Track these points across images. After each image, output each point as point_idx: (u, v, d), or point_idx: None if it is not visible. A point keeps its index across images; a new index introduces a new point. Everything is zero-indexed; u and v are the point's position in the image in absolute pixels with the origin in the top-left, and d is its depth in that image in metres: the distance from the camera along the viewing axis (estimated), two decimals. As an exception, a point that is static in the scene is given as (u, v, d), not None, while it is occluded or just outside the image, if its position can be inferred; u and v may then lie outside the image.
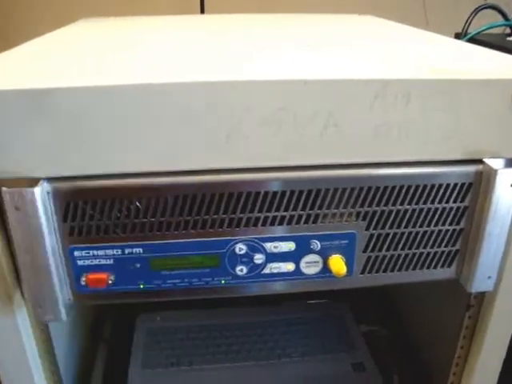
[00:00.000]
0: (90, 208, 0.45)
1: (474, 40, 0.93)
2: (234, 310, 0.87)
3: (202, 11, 1.48)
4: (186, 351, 0.78)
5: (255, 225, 0.47)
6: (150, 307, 0.87)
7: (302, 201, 0.47)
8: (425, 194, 0.48)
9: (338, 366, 0.76)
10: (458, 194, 0.49)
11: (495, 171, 0.46)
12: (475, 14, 0.97)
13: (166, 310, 0.87)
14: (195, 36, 0.71)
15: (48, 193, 0.44)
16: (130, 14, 1.04)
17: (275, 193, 0.46)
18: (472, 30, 0.97)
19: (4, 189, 0.42)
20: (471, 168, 0.48)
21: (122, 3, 1.59)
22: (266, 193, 0.46)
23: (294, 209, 0.47)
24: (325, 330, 0.83)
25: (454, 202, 0.49)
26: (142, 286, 0.48)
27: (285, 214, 0.47)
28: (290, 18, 0.95)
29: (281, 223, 0.47)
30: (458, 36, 0.98)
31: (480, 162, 0.48)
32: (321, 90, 0.43)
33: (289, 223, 0.47)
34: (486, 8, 0.99)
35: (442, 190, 0.48)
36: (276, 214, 0.47)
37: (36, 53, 0.57)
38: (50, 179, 0.44)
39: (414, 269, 0.52)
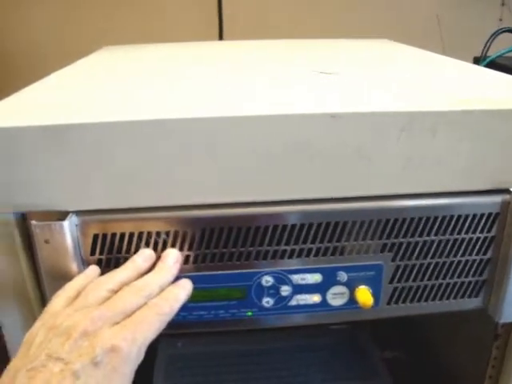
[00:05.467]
0: (118, 241, 0.45)
1: (493, 64, 0.93)
2: (255, 334, 0.86)
3: (221, 37, 1.49)
4: (207, 379, 0.78)
5: (282, 257, 0.47)
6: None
7: (329, 233, 0.47)
8: (451, 225, 0.48)
9: (360, 393, 0.75)
10: (485, 224, 0.48)
11: (522, 201, 0.46)
12: (494, 38, 0.97)
13: (188, 333, 0.86)
14: (216, 66, 0.71)
15: (76, 225, 0.44)
16: (150, 39, 1.05)
17: (302, 225, 0.46)
18: (490, 54, 0.97)
19: (34, 222, 0.43)
20: (498, 198, 0.48)
21: (141, 29, 1.61)
22: (293, 225, 0.46)
23: (321, 241, 0.47)
24: (346, 356, 0.82)
25: (481, 232, 0.49)
26: (167, 318, 0.48)
27: (311, 246, 0.47)
28: (306, 43, 0.96)
29: (308, 255, 0.47)
30: (476, 60, 0.98)
31: (507, 191, 0.48)
32: (349, 124, 0.43)
33: (315, 255, 0.47)
34: (504, 32, 0.99)
35: (468, 221, 0.48)
36: (303, 246, 0.47)
37: (60, 85, 0.58)
38: (78, 212, 0.44)
39: (440, 299, 0.51)
